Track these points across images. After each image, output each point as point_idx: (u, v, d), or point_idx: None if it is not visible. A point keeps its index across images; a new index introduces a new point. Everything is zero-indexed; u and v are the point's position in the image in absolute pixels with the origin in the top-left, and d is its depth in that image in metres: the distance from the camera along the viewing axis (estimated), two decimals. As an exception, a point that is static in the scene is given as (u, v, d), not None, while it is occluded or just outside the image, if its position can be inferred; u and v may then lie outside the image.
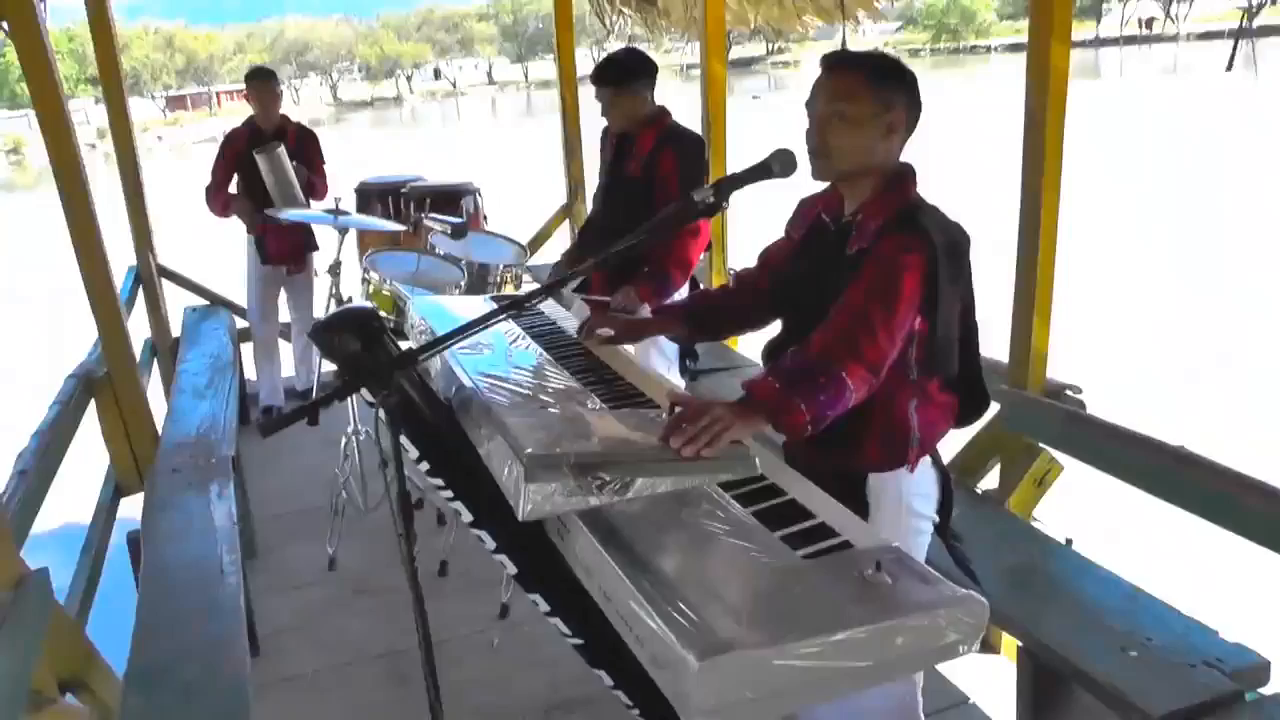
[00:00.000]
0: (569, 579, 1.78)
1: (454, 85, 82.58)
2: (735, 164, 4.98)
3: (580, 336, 2.42)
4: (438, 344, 1.82)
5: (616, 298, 3.58)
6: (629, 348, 2.51)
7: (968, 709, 2.93)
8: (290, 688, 3.30)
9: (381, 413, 1.80)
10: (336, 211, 4.19)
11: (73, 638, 2.56)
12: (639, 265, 3.72)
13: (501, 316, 1.97)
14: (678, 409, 1.75)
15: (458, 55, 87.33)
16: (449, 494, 2.12)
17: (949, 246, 2.05)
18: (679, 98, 3.97)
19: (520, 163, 19.05)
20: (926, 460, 2.26)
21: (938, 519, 2.35)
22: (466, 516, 2.09)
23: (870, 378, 1.97)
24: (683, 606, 1.44)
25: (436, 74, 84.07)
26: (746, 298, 2.48)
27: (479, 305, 2.66)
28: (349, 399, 3.54)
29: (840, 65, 2.12)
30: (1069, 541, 2.97)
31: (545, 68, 77.19)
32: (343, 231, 4.16)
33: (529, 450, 1.57)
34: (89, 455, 4.18)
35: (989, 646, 3.21)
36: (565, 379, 2.07)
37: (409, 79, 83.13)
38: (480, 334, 2.38)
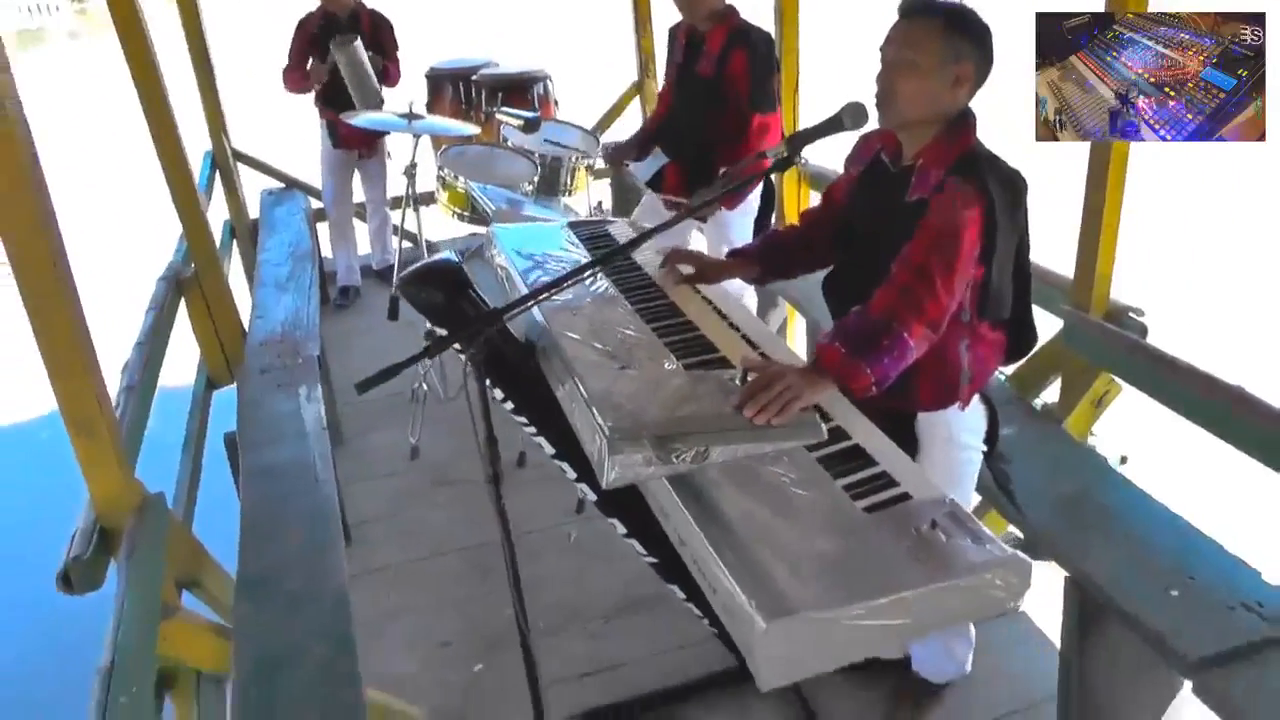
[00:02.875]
0: (646, 510, 1.90)
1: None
2: (807, 63, 4.89)
3: (660, 271, 2.49)
4: (522, 302, 1.91)
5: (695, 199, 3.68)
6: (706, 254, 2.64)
7: (1019, 619, 2.99)
8: (379, 579, 3.49)
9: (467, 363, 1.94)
10: (410, 116, 4.24)
11: (186, 543, 2.70)
12: (714, 167, 3.80)
13: (586, 275, 2.08)
14: (750, 376, 1.85)
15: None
16: (532, 430, 2.26)
17: (1007, 197, 2.09)
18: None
19: (586, 33, 18.51)
20: (975, 395, 2.35)
21: (985, 449, 2.45)
22: (548, 449, 2.24)
23: (931, 335, 2.05)
24: (751, 561, 1.55)
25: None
26: (813, 236, 2.54)
27: (557, 235, 2.73)
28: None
29: (917, 13, 2.13)
30: (1124, 459, 3.01)
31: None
32: (416, 136, 4.21)
33: (610, 424, 1.68)
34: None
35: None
36: (643, 331, 2.15)
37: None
38: (557, 264, 2.50)
